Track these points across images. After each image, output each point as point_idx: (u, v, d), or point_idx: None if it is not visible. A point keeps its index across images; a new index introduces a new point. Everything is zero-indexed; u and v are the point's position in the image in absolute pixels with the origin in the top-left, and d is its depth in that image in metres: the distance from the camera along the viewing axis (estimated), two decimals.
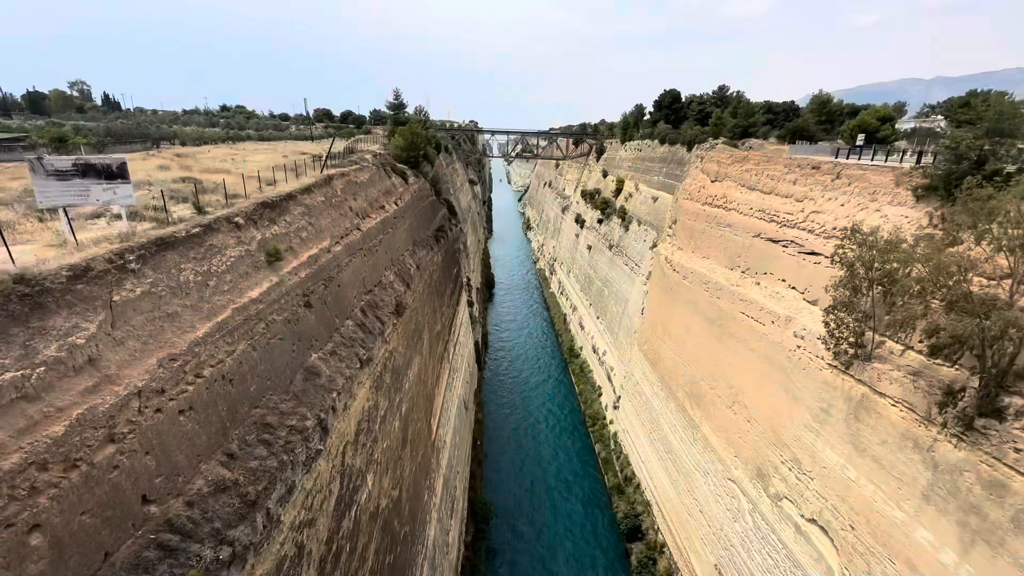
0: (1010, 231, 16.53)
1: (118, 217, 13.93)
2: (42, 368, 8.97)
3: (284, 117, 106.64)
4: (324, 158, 30.25)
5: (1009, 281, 17.73)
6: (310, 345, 18.60)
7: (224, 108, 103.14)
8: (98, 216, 14.51)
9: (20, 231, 12.93)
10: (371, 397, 22.15)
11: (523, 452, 55.25)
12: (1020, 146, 21.87)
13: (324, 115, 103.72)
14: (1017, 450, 17.10)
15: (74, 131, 39.60)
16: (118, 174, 12.09)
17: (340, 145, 42.50)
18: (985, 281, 19.00)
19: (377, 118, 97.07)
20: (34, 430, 8.54)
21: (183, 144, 46.62)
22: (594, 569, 41.27)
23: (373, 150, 44.84)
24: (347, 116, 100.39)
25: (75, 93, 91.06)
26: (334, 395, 18.15)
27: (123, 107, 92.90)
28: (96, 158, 12.19)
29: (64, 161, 11.60)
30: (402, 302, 29.71)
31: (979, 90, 47.01)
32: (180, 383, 11.85)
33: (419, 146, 50.53)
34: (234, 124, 75.48)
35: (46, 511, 8.31)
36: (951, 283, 17.95)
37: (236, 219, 16.57)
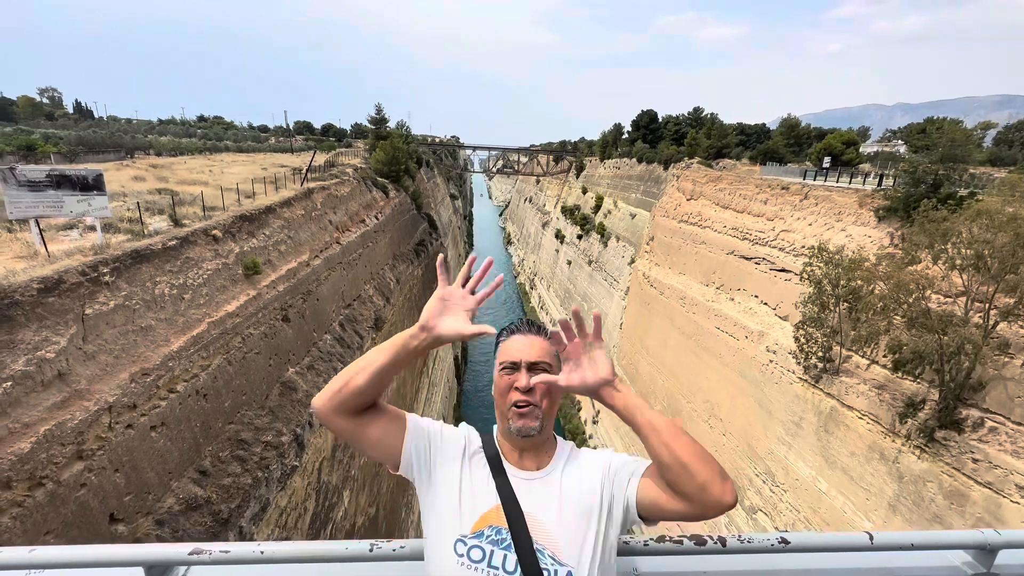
0: (963, 251, 17.52)
1: (92, 229, 13.69)
2: (8, 383, 8.75)
3: (263, 129, 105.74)
4: (304, 171, 30.17)
5: (964, 298, 18.71)
6: (287, 359, 18.39)
7: (202, 119, 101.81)
8: (71, 227, 14.24)
9: None
10: None
11: None
12: (971, 171, 23.25)
13: (304, 128, 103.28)
14: (975, 460, 17.88)
15: (44, 139, 38.60)
16: (94, 185, 11.95)
17: (321, 158, 42.40)
18: (943, 298, 20.00)
19: (358, 132, 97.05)
20: None
21: (159, 154, 45.83)
22: None
23: (354, 164, 44.84)
24: (328, 129, 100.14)
25: (45, 100, 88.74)
26: (311, 410, 17.92)
27: (96, 115, 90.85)
28: (71, 169, 12.04)
29: (38, 172, 11.43)
30: (381, 316, 29.56)
31: (935, 117, 49.76)
32: (153, 398, 11.62)
33: (400, 160, 50.70)
34: (212, 135, 74.52)
35: (8, 531, 8.04)
36: (911, 300, 18.85)
37: (214, 232, 16.43)
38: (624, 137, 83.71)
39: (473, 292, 1.79)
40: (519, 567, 1.55)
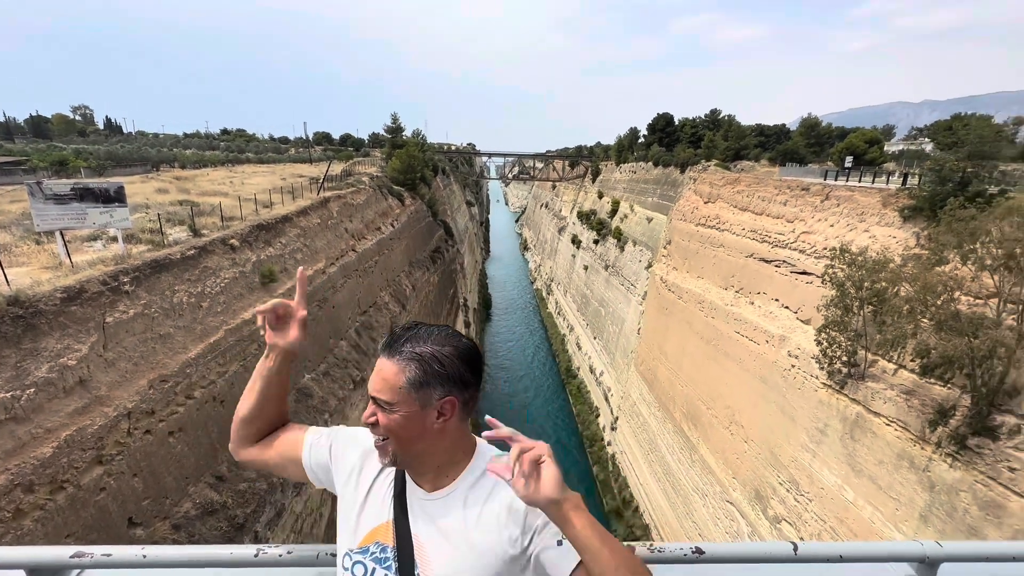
0: (993, 250, 16.83)
1: (114, 239, 14.12)
2: (32, 389, 9.02)
3: (284, 140, 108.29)
4: (321, 180, 30.70)
5: (995, 300, 17.96)
6: (303, 366, 18.62)
7: (224, 131, 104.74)
8: (95, 239, 14.71)
9: (16, 253, 13.10)
10: None
11: None
12: (1002, 168, 22.40)
13: (323, 138, 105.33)
14: (1011, 469, 17.06)
15: (75, 154, 40.16)
16: (115, 198, 12.33)
17: (338, 167, 43.13)
18: (973, 300, 19.23)
19: (375, 141, 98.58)
20: (22, 451, 8.55)
21: (183, 167, 47.24)
22: None
23: (370, 172, 45.49)
24: (346, 139, 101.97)
25: (78, 117, 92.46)
26: (326, 416, 18.09)
27: (125, 131, 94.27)
28: (94, 182, 12.46)
29: (62, 185, 11.86)
30: (397, 323, 29.79)
31: (963, 113, 48.21)
32: (171, 404, 11.86)
33: (416, 168, 51.26)
34: (234, 147, 76.57)
35: (30, 533, 8.25)
36: (939, 302, 18.16)
37: (231, 241, 16.79)
38: (640, 141, 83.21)
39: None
40: None
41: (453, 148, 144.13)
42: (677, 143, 70.81)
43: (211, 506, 12.16)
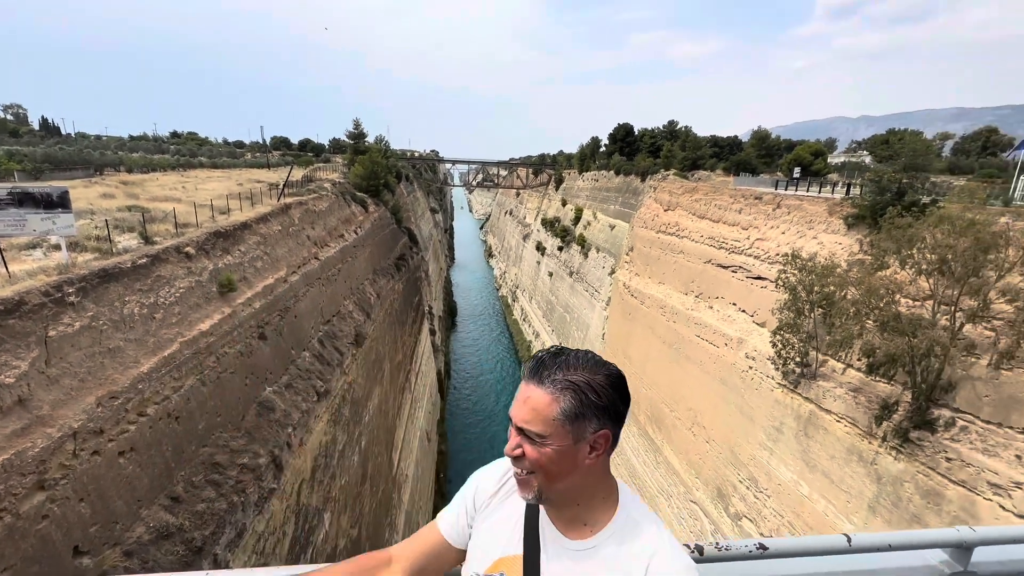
0: (928, 256, 18.15)
1: (56, 248, 13.23)
2: None
3: (239, 145, 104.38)
4: (281, 186, 29.80)
5: (931, 302, 19.34)
6: (264, 378, 17.92)
7: (175, 135, 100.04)
8: (34, 247, 13.73)
9: None
10: (329, 431, 21.40)
11: None
12: (932, 179, 24.22)
13: (281, 143, 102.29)
14: (948, 459, 18.33)
15: (7, 156, 37.38)
16: (59, 203, 11.56)
17: (298, 173, 41.98)
18: (911, 302, 20.64)
19: (337, 147, 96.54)
20: None
21: (129, 171, 44.75)
22: None
23: (332, 179, 44.51)
24: (305, 144, 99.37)
25: (9, 117, 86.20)
26: (289, 430, 17.46)
27: (63, 132, 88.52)
28: (35, 186, 11.65)
29: None
30: (362, 332, 29.14)
31: (897, 129, 51.88)
32: (121, 423, 11.16)
33: (379, 175, 50.52)
34: (185, 151, 73.23)
35: None
36: (882, 304, 19.40)
37: (186, 249, 16.04)
38: (602, 150, 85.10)
39: None
40: None
41: (417, 155, 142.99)
42: (637, 152, 72.84)
43: (166, 529, 11.47)
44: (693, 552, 1.45)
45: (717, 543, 1.48)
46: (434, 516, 1.75)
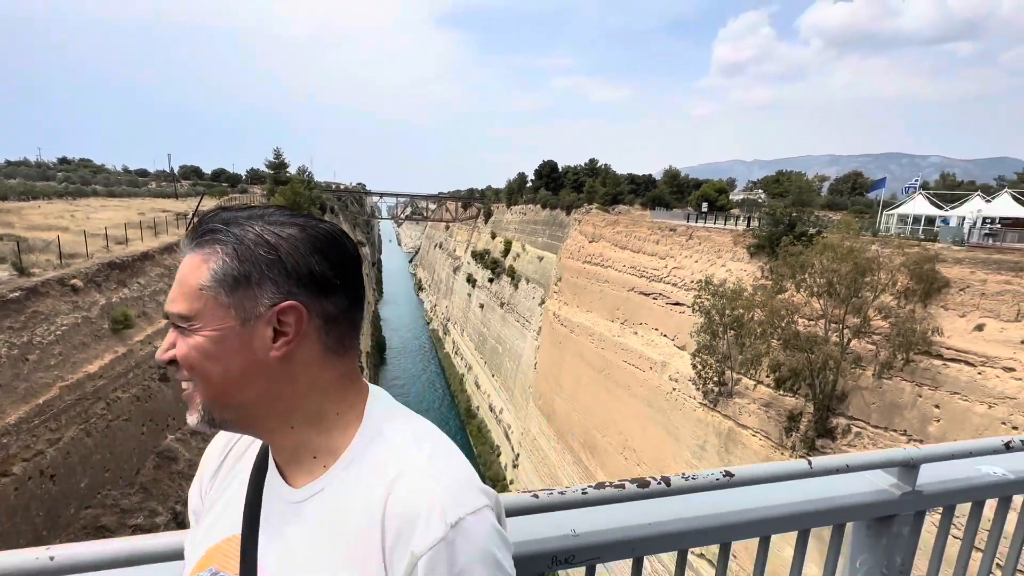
0: (817, 279, 20.38)
1: None
2: None
3: (142, 173, 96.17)
4: (191, 215, 27.71)
5: (823, 320, 21.60)
6: (165, 425, 16.05)
7: (64, 160, 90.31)
8: None
9: None
10: None
11: None
12: (816, 214, 27.51)
13: (192, 172, 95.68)
14: None
15: None
16: None
17: (211, 203, 39.30)
18: (807, 321, 22.93)
19: (255, 177, 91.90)
20: None
21: (3, 198, 39.50)
22: None
23: None
24: (219, 174, 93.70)
25: None
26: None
27: None
28: None
29: None
30: None
31: (784, 171, 58.78)
32: None
33: (302, 206, 48.61)
34: (76, 178, 66.14)
35: None
36: (783, 324, 21.37)
37: (72, 281, 14.28)
38: (528, 185, 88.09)
39: None
40: None
41: (342, 187, 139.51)
42: (562, 188, 76.17)
43: None
44: (660, 484, 1.44)
45: (684, 474, 1.51)
46: None
